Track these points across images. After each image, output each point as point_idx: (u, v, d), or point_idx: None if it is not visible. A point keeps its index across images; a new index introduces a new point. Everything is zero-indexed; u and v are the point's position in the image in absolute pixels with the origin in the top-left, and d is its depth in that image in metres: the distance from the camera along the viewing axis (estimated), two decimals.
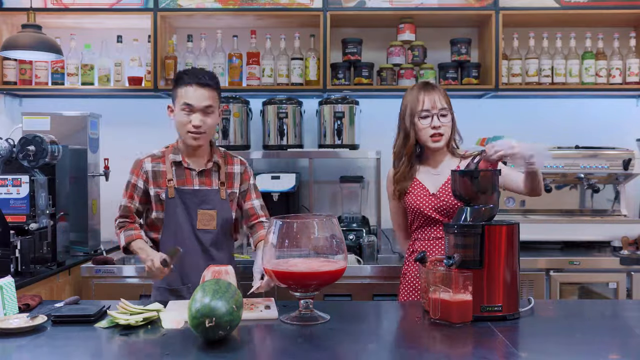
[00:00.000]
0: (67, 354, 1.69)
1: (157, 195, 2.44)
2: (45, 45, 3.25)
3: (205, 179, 2.46)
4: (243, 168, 2.55)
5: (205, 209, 2.43)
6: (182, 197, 2.43)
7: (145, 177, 2.45)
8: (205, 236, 2.45)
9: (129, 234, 2.44)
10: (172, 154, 2.46)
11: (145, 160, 2.47)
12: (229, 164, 2.52)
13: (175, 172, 2.44)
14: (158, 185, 2.44)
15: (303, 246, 1.94)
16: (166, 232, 2.45)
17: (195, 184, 2.45)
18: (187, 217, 2.43)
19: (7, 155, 3.00)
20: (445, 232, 2.03)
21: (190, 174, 2.45)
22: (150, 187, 2.44)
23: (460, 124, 3.89)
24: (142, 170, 2.45)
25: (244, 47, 3.74)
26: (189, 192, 2.44)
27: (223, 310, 1.68)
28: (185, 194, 2.43)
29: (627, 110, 3.95)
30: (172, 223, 2.44)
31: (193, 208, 2.43)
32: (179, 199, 2.42)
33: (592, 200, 3.59)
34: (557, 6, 3.61)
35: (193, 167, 2.46)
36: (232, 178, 2.51)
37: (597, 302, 2.97)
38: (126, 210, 2.47)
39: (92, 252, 3.47)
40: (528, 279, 3.18)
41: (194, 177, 2.45)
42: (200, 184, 2.45)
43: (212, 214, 2.44)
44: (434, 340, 1.82)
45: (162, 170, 2.45)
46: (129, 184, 2.47)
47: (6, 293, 1.96)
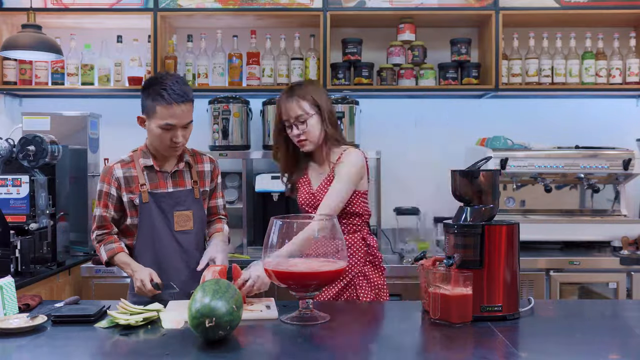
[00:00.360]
0: (67, 354, 1.69)
1: (130, 201, 2.37)
2: (45, 45, 3.25)
3: (178, 180, 2.42)
4: (212, 166, 2.52)
5: (181, 210, 2.39)
6: (157, 201, 2.37)
7: (117, 184, 2.37)
8: (184, 237, 2.40)
9: (109, 248, 2.37)
10: (142, 158, 2.40)
11: (115, 166, 2.40)
12: (198, 163, 2.49)
13: (147, 176, 2.38)
14: (131, 190, 2.37)
15: None
16: (141, 237, 2.39)
17: (169, 186, 2.40)
18: (164, 220, 2.38)
19: (7, 155, 3.00)
20: (445, 232, 2.03)
21: (163, 176, 2.40)
22: (123, 194, 2.37)
23: (460, 124, 3.94)
24: (113, 178, 2.38)
25: (244, 47, 3.74)
26: (164, 195, 2.38)
27: (223, 310, 1.68)
28: (160, 197, 2.37)
29: (627, 110, 3.95)
30: (148, 228, 2.37)
31: (169, 210, 2.38)
32: (153, 202, 2.36)
33: (592, 200, 3.59)
34: (557, 6, 3.61)
35: (165, 170, 2.41)
36: (203, 176, 2.48)
37: (597, 302, 2.97)
38: (102, 220, 2.39)
39: (92, 252, 3.46)
40: (528, 279, 3.18)
41: (167, 179, 2.40)
42: (174, 185, 2.41)
43: (188, 214, 2.41)
44: (434, 340, 1.82)
45: (133, 175, 2.38)
46: (102, 193, 2.38)
47: (6, 293, 1.96)
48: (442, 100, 3.99)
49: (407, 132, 3.97)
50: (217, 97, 3.68)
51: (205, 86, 3.70)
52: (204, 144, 3.72)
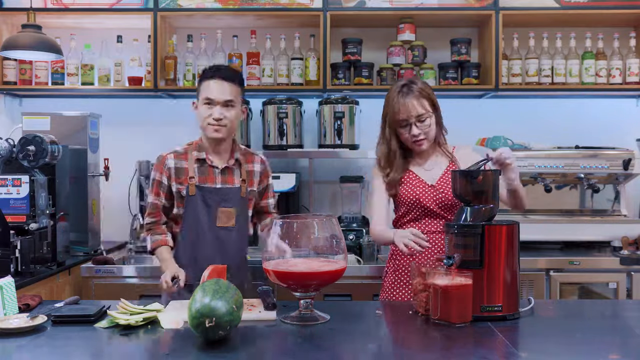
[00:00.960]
0: (67, 354, 1.69)
1: (178, 191, 2.45)
2: (45, 45, 3.25)
3: (227, 177, 2.48)
4: (263, 167, 2.58)
5: (225, 207, 2.45)
6: (203, 195, 2.44)
7: (169, 174, 2.46)
8: (225, 233, 2.46)
9: (155, 239, 2.48)
10: (196, 151, 2.48)
11: (168, 156, 2.48)
12: (248, 162, 2.55)
13: (197, 169, 2.46)
14: (180, 181, 2.45)
15: (303, 246, 1.94)
16: (185, 228, 2.47)
17: (217, 181, 2.47)
18: (207, 215, 2.45)
19: (7, 155, 3.00)
20: (446, 232, 2.03)
21: (213, 171, 2.47)
22: (172, 184, 2.46)
23: (460, 124, 3.90)
24: (165, 167, 2.47)
25: (244, 47, 3.74)
26: (211, 190, 2.45)
27: (223, 311, 1.68)
28: (207, 192, 2.45)
29: (627, 110, 3.95)
30: (191, 220, 2.45)
31: (214, 206, 2.45)
32: (200, 196, 2.44)
33: (592, 200, 3.59)
34: (557, 6, 3.61)
35: (216, 165, 2.47)
36: (252, 176, 2.53)
37: (597, 302, 2.97)
38: (154, 207, 2.49)
39: (92, 252, 3.47)
40: (528, 279, 3.18)
41: (217, 174, 2.47)
42: (223, 181, 2.47)
43: (232, 211, 2.46)
44: (433, 340, 1.82)
45: (184, 167, 2.46)
46: (154, 181, 2.49)
47: (6, 293, 1.96)
48: (442, 100, 3.89)
49: None
50: None
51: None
52: None
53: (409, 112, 2.35)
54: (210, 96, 2.39)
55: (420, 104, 2.37)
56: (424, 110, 2.37)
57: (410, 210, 2.42)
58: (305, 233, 1.96)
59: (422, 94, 2.38)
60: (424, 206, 2.39)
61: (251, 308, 2.06)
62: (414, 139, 2.38)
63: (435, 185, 2.40)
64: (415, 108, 2.36)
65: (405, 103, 2.36)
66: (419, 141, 2.38)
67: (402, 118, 2.37)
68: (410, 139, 2.39)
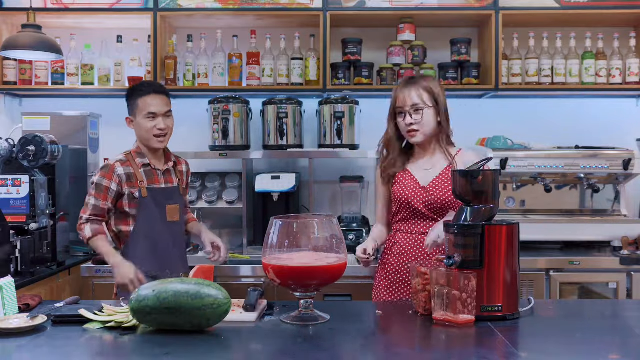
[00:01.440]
0: (67, 354, 1.69)
1: (131, 194, 2.66)
2: (45, 45, 3.25)
3: (168, 177, 2.76)
4: (187, 167, 2.90)
5: (171, 204, 2.73)
6: (154, 195, 2.69)
7: (119, 181, 2.65)
8: (173, 227, 2.75)
9: (94, 228, 2.67)
10: (139, 158, 2.71)
11: (116, 165, 2.67)
12: (179, 164, 2.84)
13: (144, 173, 2.69)
14: (132, 185, 2.67)
15: (303, 246, 1.94)
16: (138, 226, 2.68)
17: (161, 182, 2.73)
18: (159, 212, 2.70)
19: (7, 155, 3.00)
20: (446, 232, 2.03)
21: (157, 173, 2.72)
22: (124, 188, 2.66)
23: (460, 124, 3.89)
24: (115, 174, 2.65)
25: (244, 47, 3.74)
26: (159, 191, 2.71)
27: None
28: (156, 192, 2.70)
29: (627, 110, 3.95)
30: (146, 218, 2.67)
31: (163, 204, 2.71)
32: (151, 197, 2.68)
33: (592, 200, 3.59)
34: (557, 6, 3.61)
35: (158, 168, 2.73)
36: (182, 175, 2.85)
37: (597, 302, 2.97)
38: (99, 210, 2.66)
39: (92, 252, 3.46)
40: (528, 279, 3.18)
41: (160, 176, 2.73)
42: (165, 181, 2.74)
43: (176, 207, 2.75)
44: (433, 340, 1.82)
45: (132, 172, 2.68)
46: (102, 187, 2.64)
47: (6, 293, 1.96)
48: None
49: None
50: (217, 97, 3.67)
51: (205, 86, 3.71)
52: (203, 144, 3.72)
53: (405, 101, 2.41)
54: (152, 110, 2.64)
55: (417, 95, 2.41)
56: (419, 101, 2.40)
57: (400, 210, 2.46)
58: (305, 233, 1.95)
59: (423, 87, 2.42)
60: (413, 207, 2.41)
61: (234, 309, 2.02)
62: (408, 129, 2.42)
63: (426, 187, 2.41)
64: (411, 98, 2.41)
65: (404, 92, 2.42)
66: (411, 131, 2.42)
67: (399, 105, 2.43)
68: (405, 128, 2.43)
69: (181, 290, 1.79)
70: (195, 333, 1.81)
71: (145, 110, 2.64)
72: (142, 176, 2.68)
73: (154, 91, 2.67)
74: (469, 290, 1.86)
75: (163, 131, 2.66)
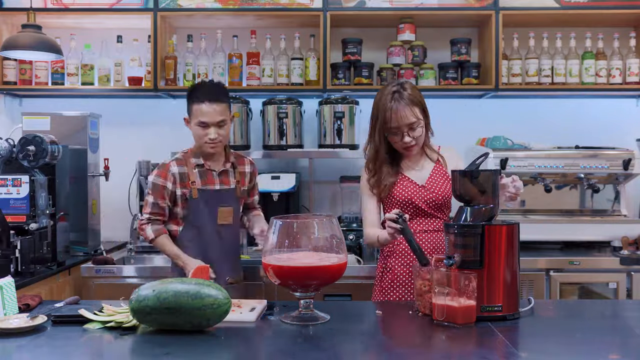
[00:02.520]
0: (67, 354, 1.69)
1: (183, 195, 2.65)
2: (45, 45, 3.25)
3: (223, 178, 2.71)
4: (252, 168, 2.83)
5: (224, 207, 2.68)
6: (205, 197, 2.66)
7: (173, 180, 2.64)
8: (224, 230, 2.70)
9: (156, 228, 2.66)
10: (194, 157, 2.68)
11: (171, 164, 2.66)
12: (240, 165, 2.78)
13: (198, 174, 2.67)
14: (184, 186, 2.65)
15: (303, 246, 1.94)
16: (187, 226, 2.68)
17: (216, 183, 2.69)
18: (209, 214, 2.66)
19: (7, 155, 3.00)
20: (446, 232, 2.03)
21: (212, 174, 2.69)
22: (177, 188, 2.65)
23: (460, 124, 3.94)
24: (170, 173, 2.65)
25: (244, 47, 3.74)
26: (211, 192, 2.67)
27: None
28: (208, 194, 2.67)
29: (627, 110, 3.95)
30: (195, 220, 2.66)
31: (214, 206, 2.67)
32: (202, 198, 2.65)
33: (592, 200, 3.59)
34: (557, 6, 3.61)
35: (214, 168, 2.69)
36: (244, 177, 2.78)
37: (597, 302, 2.97)
38: (159, 208, 2.65)
39: (92, 252, 3.47)
40: (528, 279, 3.18)
41: (215, 177, 2.69)
42: (220, 182, 2.70)
43: (229, 210, 2.71)
44: (434, 341, 1.82)
45: (186, 172, 2.66)
46: (158, 186, 2.65)
47: (6, 293, 1.96)
48: (442, 100, 3.98)
49: None
50: None
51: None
52: None
53: (400, 121, 2.35)
54: (203, 119, 2.58)
55: (412, 112, 2.35)
56: (415, 119, 2.36)
57: (408, 212, 2.43)
58: (305, 233, 1.95)
59: (413, 101, 2.36)
60: (416, 206, 2.42)
61: (234, 309, 2.02)
62: (405, 146, 2.40)
63: (425, 186, 2.44)
64: (407, 117, 2.34)
65: (397, 111, 2.34)
66: (409, 147, 2.41)
67: (393, 126, 2.36)
68: (401, 146, 2.41)
69: (181, 290, 1.79)
70: (195, 333, 1.81)
71: (197, 117, 2.59)
72: (195, 176, 2.66)
73: (208, 100, 2.56)
74: (469, 291, 1.86)
75: (214, 141, 2.59)
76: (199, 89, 2.62)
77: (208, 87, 2.63)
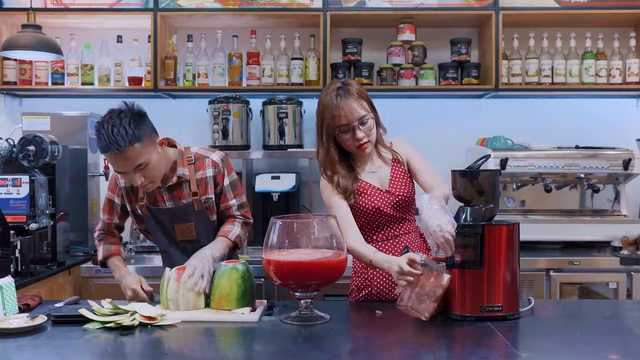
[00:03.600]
0: (67, 354, 1.69)
1: (134, 210, 2.40)
2: (45, 45, 3.25)
3: (175, 193, 2.35)
4: (215, 170, 2.38)
5: (181, 224, 2.36)
6: (156, 215, 2.37)
7: (121, 194, 2.39)
8: (188, 245, 2.39)
9: (107, 248, 2.42)
10: None
11: (118, 176, 2.35)
12: (199, 169, 2.37)
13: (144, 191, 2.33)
14: (132, 201, 2.38)
15: (303, 246, 1.94)
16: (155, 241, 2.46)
17: (166, 199, 2.35)
18: (165, 233, 2.40)
19: (7, 155, 3.00)
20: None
21: (158, 191, 2.34)
22: (126, 203, 2.40)
23: (460, 124, 3.94)
24: (117, 187, 2.40)
25: (244, 47, 3.74)
26: (162, 211, 2.36)
27: None
28: (158, 212, 2.36)
29: (627, 110, 3.95)
30: (153, 236, 2.45)
31: (169, 223, 2.37)
32: (152, 217, 2.37)
33: (592, 200, 3.59)
34: (557, 6, 3.61)
35: (160, 185, 2.31)
36: (204, 184, 2.37)
37: (597, 302, 2.97)
38: (105, 225, 2.46)
39: (92, 252, 3.47)
40: (528, 279, 3.18)
41: (163, 192, 2.35)
42: (170, 198, 2.35)
43: (190, 226, 2.37)
44: (434, 340, 1.82)
45: (134, 187, 2.34)
46: (107, 201, 2.43)
47: (6, 293, 1.96)
48: (442, 100, 3.99)
49: (407, 132, 3.95)
50: (217, 97, 3.68)
51: (205, 86, 3.70)
52: (204, 144, 3.71)
53: (350, 116, 2.18)
54: (118, 169, 2.19)
55: (360, 106, 2.20)
56: (365, 112, 2.20)
57: (371, 221, 2.29)
58: (305, 233, 1.95)
59: (360, 95, 2.22)
60: (384, 213, 2.27)
61: (235, 310, 2.02)
62: (358, 143, 2.21)
63: (390, 190, 2.29)
64: (356, 110, 2.18)
65: (345, 106, 2.17)
66: (362, 145, 2.22)
67: (343, 123, 2.19)
68: (353, 144, 2.22)
69: None
70: (195, 333, 1.81)
71: (111, 166, 2.22)
72: (142, 193, 2.34)
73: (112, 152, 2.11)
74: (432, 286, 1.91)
75: (143, 184, 2.21)
76: (100, 136, 2.14)
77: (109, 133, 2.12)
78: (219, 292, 2.03)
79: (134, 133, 2.13)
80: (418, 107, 3.96)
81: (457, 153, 3.71)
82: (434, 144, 3.92)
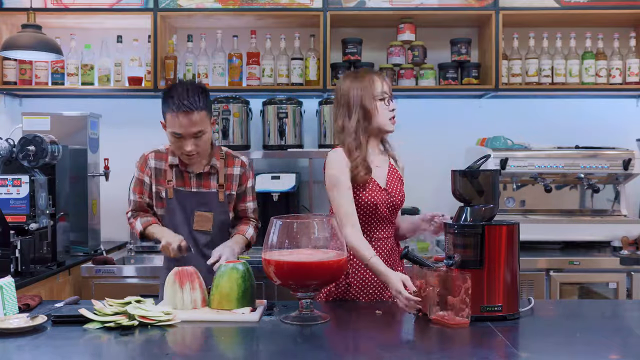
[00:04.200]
0: (67, 354, 1.69)
1: (157, 193, 2.46)
2: (45, 45, 3.25)
3: (203, 181, 2.46)
4: (242, 170, 2.52)
5: (202, 211, 2.44)
6: (180, 199, 2.44)
7: (150, 174, 2.46)
8: (201, 237, 2.46)
9: (145, 220, 2.49)
10: (171, 156, 2.46)
11: (149, 156, 2.47)
12: (229, 166, 2.50)
13: (174, 173, 2.45)
14: (159, 183, 2.46)
15: (303, 246, 1.94)
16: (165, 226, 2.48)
17: (193, 185, 2.45)
18: (185, 218, 2.45)
19: (7, 155, 3.00)
20: (446, 231, 2.03)
21: (188, 176, 2.45)
22: (153, 183, 2.47)
23: (460, 124, 3.94)
24: (147, 167, 2.47)
25: (244, 47, 3.74)
26: (187, 194, 2.45)
27: None
28: (184, 195, 2.44)
29: (627, 110, 3.95)
30: (170, 222, 2.46)
31: (190, 209, 2.44)
32: (176, 200, 2.44)
33: (592, 200, 3.59)
34: (557, 6, 3.61)
35: (190, 170, 2.45)
36: (231, 180, 2.49)
37: (597, 302, 2.97)
38: (137, 204, 2.51)
39: (92, 252, 3.47)
40: (528, 279, 3.18)
41: (192, 178, 2.45)
42: (198, 185, 2.45)
43: (209, 216, 2.45)
44: (434, 340, 1.82)
45: (163, 168, 2.45)
46: (137, 180, 2.50)
47: (6, 293, 1.96)
48: (442, 100, 3.99)
49: (407, 132, 3.96)
50: (217, 97, 3.68)
51: (205, 86, 3.70)
52: None
53: (389, 86, 2.30)
54: (177, 131, 2.31)
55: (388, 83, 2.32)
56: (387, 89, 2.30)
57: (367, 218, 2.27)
58: (305, 233, 1.96)
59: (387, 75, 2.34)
60: (379, 212, 2.27)
61: (235, 310, 2.03)
62: (392, 115, 2.28)
63: (387, 189, 2.29)
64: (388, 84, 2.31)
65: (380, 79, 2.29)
66: (393, 117, 2.30)
67: (385, 89, 2.27)
68: (387, 116, 2.27)
69: None
70: (195, 333, 1.81)
71: (171, 128, 2.32)
72: (172, 175, 2.43)
73: (183, 110, 2.26)
74: (462, 292, 1.86)
75: (190, 153, 2.33)
76: (174, 95, 2.29)
77: (183, 94, 2.28)
78: (219, 292, 2.03)
79: (205, 101, 2.33)
80: (418, 107, 3.96)
81: (457, 153, 3.72)
82: (434, 144, 3.93)
